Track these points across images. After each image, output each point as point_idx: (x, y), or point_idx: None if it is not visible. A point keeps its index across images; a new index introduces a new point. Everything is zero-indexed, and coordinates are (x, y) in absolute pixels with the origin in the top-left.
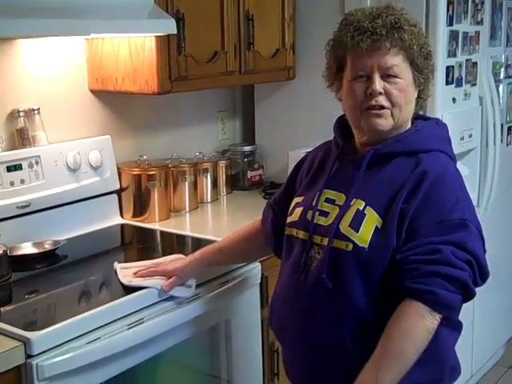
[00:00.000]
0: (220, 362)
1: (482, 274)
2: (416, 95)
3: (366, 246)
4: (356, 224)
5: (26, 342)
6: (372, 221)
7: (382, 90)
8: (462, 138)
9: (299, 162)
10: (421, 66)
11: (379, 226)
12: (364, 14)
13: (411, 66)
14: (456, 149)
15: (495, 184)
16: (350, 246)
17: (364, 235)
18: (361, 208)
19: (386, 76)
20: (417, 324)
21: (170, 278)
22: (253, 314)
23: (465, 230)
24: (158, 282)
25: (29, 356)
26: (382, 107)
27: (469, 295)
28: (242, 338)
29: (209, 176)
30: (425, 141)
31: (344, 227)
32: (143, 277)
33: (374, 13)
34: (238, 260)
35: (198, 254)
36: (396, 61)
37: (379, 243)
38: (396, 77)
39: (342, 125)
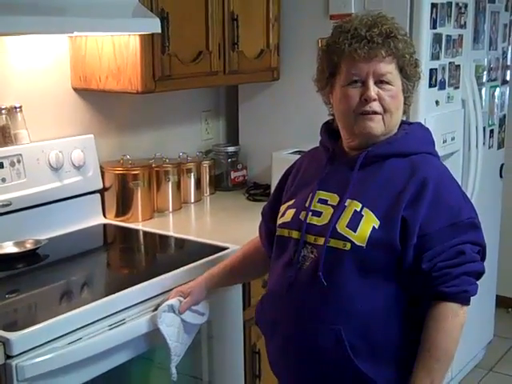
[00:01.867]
0: (201, 363)
1: (483, 257)
2: (403, 102)
3: (364, 245)
4: (353, 224)
5: (5, 343)
6: (369, 221)
7: (376, 96)
8: (445, 141)
9: (286, 171)
10: (410, 74)
11: (376, 226)
12: (360, 22)
13: (401, 73)
14: (439, 151)
15: (477, 186)
16: (348, 245)
17: (362, 234)
18: (358, 209)
19: (379, 82)
20: (454, 323)
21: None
22: (235, 315)
23: (474, 227)
24: (172, 301)
25: (8, 356)
26: (375, 113)
27: (480, 278)
28: (224, 339)
29: (192, 176)
30: (414, 143)
31: (341, 227)
32: None
33: (370, 22)
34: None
35: (203, 276)
36: (389, 68)
37: (377, 242)
38: (389, 83)
39: (328, 129)
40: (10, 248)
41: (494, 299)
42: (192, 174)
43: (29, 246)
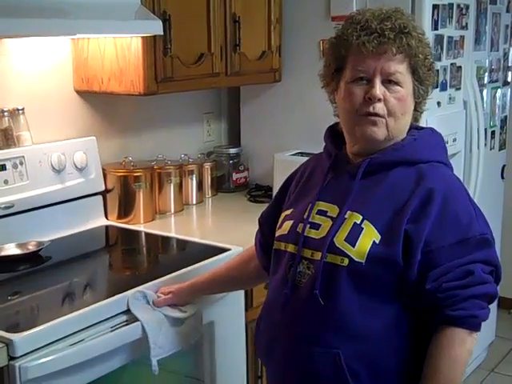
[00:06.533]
0: (203, 364)
1: (498, 278)
2: (413, 107)
3: (363, 261)
4: (352, 238)
5: (8, 344)
6: (370, 235)
7: (382, 97)
8: (446, 142)
9: (288, 177)
10: (422, 77)
11: (377, 241)
12: (373, 14)
13: (413, 75)
14: None
15: (479, 188)
16: (346, 261)
17: (361, 250)
18: (358, 222)
19: (387, 82)
20: (462, 350)
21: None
22: (237, 316)
23: (487, 245)
24: (147, 291)
25: (11, 358)
26: (377, 115)
27: (492, 302)
28: (226, 340)
29: (194, 178)
30: (423, 150)
31: (339, 241)
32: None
33: (384, 15)
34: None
35: (189, 281)
36: (400, 68)
37: (377, 258)
38: (397, 84)
39: (332, 134)
40: (12, 250)
41: (496, 300)
42: (194, 175)
43: (31, 247)
